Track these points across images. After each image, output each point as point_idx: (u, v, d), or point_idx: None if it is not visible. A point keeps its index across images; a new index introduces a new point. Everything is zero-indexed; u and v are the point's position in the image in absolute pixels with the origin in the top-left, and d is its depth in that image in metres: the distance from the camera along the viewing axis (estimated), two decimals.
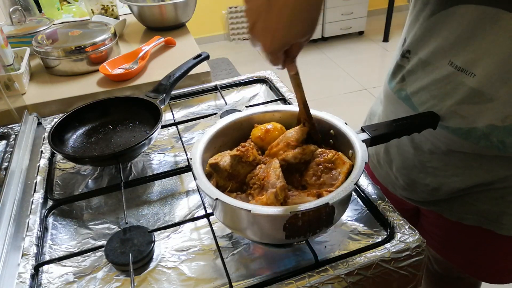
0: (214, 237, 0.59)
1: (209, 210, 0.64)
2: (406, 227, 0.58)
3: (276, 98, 0.94)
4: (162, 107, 0.80)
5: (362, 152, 0.55)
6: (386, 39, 3.73)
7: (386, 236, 0.59)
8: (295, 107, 0.64)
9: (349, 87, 3.05)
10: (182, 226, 0.64)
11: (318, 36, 3.64)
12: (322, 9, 0.45)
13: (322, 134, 0.63)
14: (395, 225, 0.59)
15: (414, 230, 0.58)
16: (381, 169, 0.85)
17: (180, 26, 1.41)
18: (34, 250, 0.59)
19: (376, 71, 3.30)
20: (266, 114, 0.65)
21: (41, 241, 0.62)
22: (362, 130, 0.61)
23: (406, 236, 0.57)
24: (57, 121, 0.77)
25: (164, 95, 0.83)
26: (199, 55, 0.96)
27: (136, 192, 0.72)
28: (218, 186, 0.55)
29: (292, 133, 0.59)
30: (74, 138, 0.80)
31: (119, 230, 0.61)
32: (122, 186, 0.69)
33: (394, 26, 3.72)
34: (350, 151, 0.57)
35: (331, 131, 0.62)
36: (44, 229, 0.64)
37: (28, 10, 1.48)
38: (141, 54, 1.12)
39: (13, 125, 0.89)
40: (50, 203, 0.69)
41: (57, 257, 0.59)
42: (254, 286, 0.53)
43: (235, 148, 0.58)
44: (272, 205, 0.50)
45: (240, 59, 3.42)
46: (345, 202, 0.56)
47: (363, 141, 0.57)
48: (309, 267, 0.54)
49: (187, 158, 0.76)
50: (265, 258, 0.58)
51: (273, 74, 1.03)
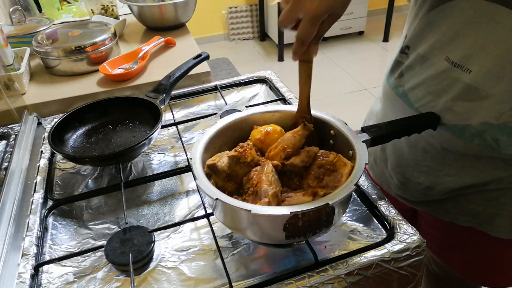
0: (214, 237, 0.59)
1: (209, 210, 0.64)
2: (406, 227, 0.58)
3: (276, 98, 0.94)
4: (162, 107, 0.80)
5: (362, 152, 0.55)
6: (386, 39, 3.74)
7: (386, 236, 0.59)
8: (295, 107, 0.63)
9: (349, 87, 3.05)
10: (182, 226, 0.64)
11: None
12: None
13: (322, 135, 0.63)
14: (395, 225, 0.59)
15: (414, 230, 0.58)
16: (376, 167, 0.85)
17: (180, 26, 1.41)
18: (34, 250, 0.59)
19: (376, 71, 3.30)
20: (266, 114, 0.65)
21: (41, 241, 0.62)
22: (362, 131, 0.61)
23: (406, 236, 0.57)
24: (57, 121, 0.77)
25: (164, 95, 0.83)
26: (199, 55, 0.95)
27: (136, 192, 0.72)
28: (217, 187, 0.55)
29: (289, 136, 0.58)
30: (74, 138, 0.80)
31: (119, 230, 0.61)
32: (122, 186, 0.69)
33: (394, 26, 3.72)
34: (350, 152, 0.57)
35: (331, 131, 0.62)
36: (44, 229, 0.64)
37: (28, 10, 1.48)
38: (141, 54, 1.12)
39: (13, 125, 0.89)
40: (50, 203, 0.69)
41: (57, 257, 0.59)
42: (254, 286, 0.53)
43: (234, 148, 0.58)
44: None
45: (240, 59, 3.42)
46: (345, 202, 0.56)
47: (363, 141, 0.57)
48: (309, 267, 0.54)
49: (187, 158, 0.76)
50: (265, 258, 0.58)
51: (273, 74, 1.03)
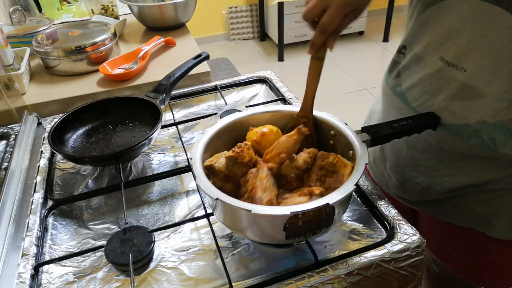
0: (214, 237, 0.59)
1: (209, 210, 0.64)
2: (406, 227, 0.58)
3: (276, 98, 0.94)
4: (162, 107, 0.80)
5: (362, 153, 0.55)
6: (386, 39, 3.73)
7: (386, 236, 0.59)
8: (295, 108, 0.63)
9: (349, 87, 3.05)
10: (182, 226, 0.64)
11: None
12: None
13: (322, 135, 0.63)
14: (395, 225, 0.59)
15: (414, 230, 0.58)
16: (376, 167, 0.85)
17: (180, 26, 1.41)
18: (34, 250, 0.59)
19: (376, 71, 3.30)
20: (266, 114, 0.65)
21: (41, 241, 0.62)
22: (362, 131, 0.61)
23: (406, 236, 0.57)
24: (57, 121, 0.77)
25: (164, 95, 0.83)
26: (199, 55, 0.95)
27: (136, 192, 0.72)
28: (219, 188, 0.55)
29: (284, 140, 0.57)
30: (74, 138, 0.80)
31: (119, 230, 0.61)
32: (122, 186, 0.69)
33: (394, 26, 3.72)
34: (350, 152, 0.57)
35: (331, 132, 0.62)
36: (44, 229, 0.64)
37: (28, 10, 1.48)
38: (141, 54, 1.12)
39: (13, 125, 0.89)
40: (50, 203, 0.69)
41: (57, 257, 0.59)
42: (254, 286, 0.53)
43: (232, 149, 0.58)
44: None
45: (240, 59, 3.42)
46: (345, 202, 0.56)
47: (364, 141, 0.57)
48: (309, 267, 0.54)
49: (187, 158, 0.76)
50: (265, 258, 0.58)
51: (273, 74, 1.03)
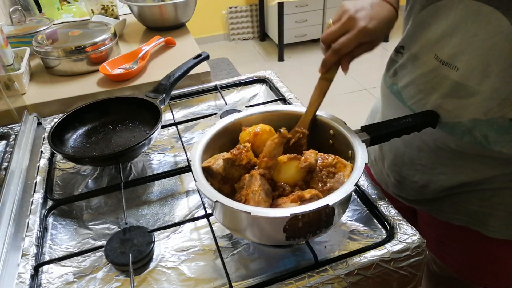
0: (214, 237, 0.59)
1: (209, 211, 0.64)
2: (406, 227, 0.58)
3: (276, 98, 0.94)
4: (162, 107, 0.80)
5: (362, 152, 0.55)
6: (386, 39, 3.73)
7: (386, 236, 0.59)
8: (295, 108, 0.64)
9: (349, 87, 3.04)
10: (182, 226, 0.64)
11: (318, 36, 3.63)
12: (388, 34, 0.65)
13: (321, 134, 0.63)
14: (395, 225, 0.59)
15: (414, 230, 0.58)
16: (376, 166, 0.86)
17: (180, 26, 1.41)
18: (34, 250, 0.59)
19: (376, 71, 3.29)
20: (266, 114, 0.65)
21: (41, 241, 0.62)
22: (362, 130, 0.61)
23: (406, 236, 0.57)
24: (57, 121, 0.77)
25: (164, 95, 0.83)
26: (199, 55, 0.95)
27: (136, 192, 0.72)
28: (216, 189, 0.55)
29: (268, 144, 0.56)
30: (74, 138, 0.80)
31: (119, 230, 0.61)
32: (122, 186, 0.69)
33: (394, 26, 3.71)
34: (350, 152, 0.57)
35: (331, 131, 0.62)
36: (44, 229, 0.64)
37: (28, 10, 1.48)
38: (141, 54, 1.12)
39: (13, 125, 0.89)
40: (50, 203, 0.69)
41: (57, 257, 0.59)
42: (254, 286, 0.53)
43: (230, 150, 0.58)
44: None
45: (240, 59, 3.42)
46: (345, 202, 0.56)
47: (363, 141, 0.57)
48: (309, 267, 0.54)
49: (187, 158, 0.76)
50: (265, 258, 0.58)
51: (273, 74, 1.03)
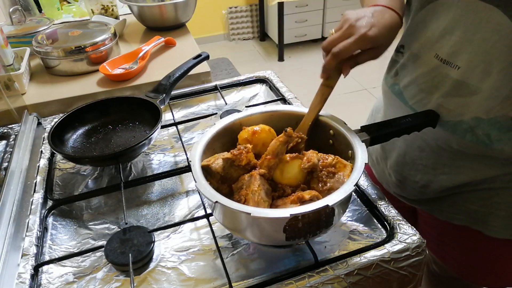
0: (214, 237, 0.59)
1: (209, 211, 0.64)
2: (406, 227, 0.58)
3: (276, 98, 0.94)
4: (162, 107, 0.80)
5: (361, 152, 0.55)
6: None
7: (386, 236, 0.59)
8: (295, 108, 0.63)
9: (349, 87, 3.04)
10: (182, 226, 0.64)
11: (318, 36, 3.63)
12: (390, 44, 0.63)
13: (321, 134, 0.63)
14: (395, 225, 0.59)
15: (414, 230, 0.58)
16: (377, 165, 0.86)
17: (180, 26, 1.41)
18: (34, 250, 0.59)
19: (376, 71, 3.28)
20: (266, 114, 0.65)
21: (41, 241, 0.62)
22: (362, 130, 0.61)
23: (406, 236, 0.57)
24: (57, 121, 0.77)
25: (164, 95, 0.83)
26: (199, 55, 0.95)
27: (136, 192, 0.72)
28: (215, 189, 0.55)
29: (272, 143, 0.56)
30: (74, 138, 0.80)
31: (119, 230, 0.61)
32: (122, 186, 0.69)
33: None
34: (350, 152, 0.57)
35: (331, 131, 0.62)
36: (44, 229, 0.64)
37: (28, 10, 1.48)
38: (141, 54, 1.12)
39: (13, 125, 0.89)
40: (50, 203, 0.69)
41: (57, 257, 0.59)
42: (254, 286, 0.53)
43: (231, 150, 0.58)
44: None
45: (240, 59, 3.42)
46: (345, 203, 0.56)
47: (363, 141, 0.57)
48: (309, 267, 0.54)
49: (187, 158, 0.76)
50: (265, 258, 0.58)
51: (273, 74, 1.03)
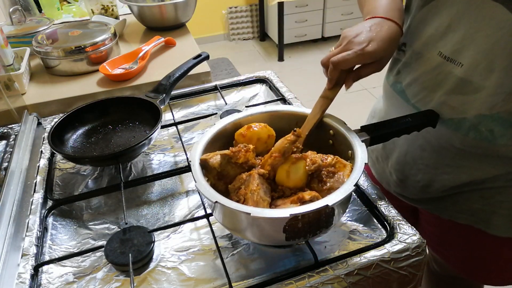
0: (214, 237, 0.59)
1: (209, 211, 0.64)
2: (406, 227, 0.58)
3: (276, 98, 0.94)
4: (162, 107, 0.80)
5: (361, 152, 0.55)
6: None
7: (386, 236, 0.59)
8: (295, 108, 0.64)
9: None
10: (182, 226, 0.64)
11: (318, 36, 3.63)
12: (392, 55, 0.64)
13: (321, 134, 0.63)
14: (395, 225, 0.59)
15: (414, 230, 0.58)
16: (378, 164, 0.86)
17: (180, 26, 1.41)
18: (34, 250, 0.59)
19: None
20: (266, 114, 0.65)
21: (41, 241, 0.62)
22: (362, 130, 0.61)
23: (406, 236, 0.57)
24: (57, 121, 0.77)
25: (164, 95, 0.83)
26: (199, 55, 0.95)
27: (136, 192, 0.72)
28: (210, 185, 0.54)
29: (279, 142, 0.57)
30: (74, 138, 0.80)
31: (119, 230, 0.61)
32: (122, 186, 0.69)
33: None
34: (350, 151, 0.57)
35: (331, 131, 0.62)
36: (44, 229, 0.64)
37: (28, 10, 1.48)
38: (141, 54, 1.12)
39: (13, 125, 0.89)
40: (50, 203, 0.69)
41: (57, 257, 0.59)
42: (254, 286, 0.53)
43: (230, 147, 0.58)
44: None
45: (240, 59, 3.42)
46: (345, 203, 0.56)
47: (363, 141, 0.57)
48: (309, 267, 0.54)
49: (187, 158, 0.76)
50: (265, 258, 0.58)
51: (273, 74, 1.03)
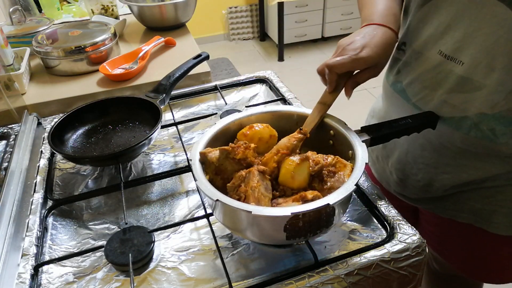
0: (214, 237, 0.59)
1: (209, 210, 0.64)
2: (406, 227, 0.58)
3: (276, 98, 0.94)
4: (162, 107, 0.80)
5: (362, 152, 0.55)
6: None
7: (386, 236, 0.59)
8: (295, 108, 0.64)
9: None
10: (182, 226, 0.64)
11: (318, 36, 3.63)
12: (388, 60, 0.65)
13: (321, 135, 0.63)
14: (395, 225, 0.59)
15: (414, 230, 0.58)
16: (378, 164, 0.86)
17: (180, 26, 1.41)
18: (34, 250, 0.59)
19: None
20: (266, 114, 0.65)
21: (41, 241, 0.62)
22: (362, 131, 0.61)
23: (406, 236, 0.57)
24: (57, 121, 0.77)
25: (164, 95, 0.83)
26: (199, 55, 0.95)
27: (136, 192, 0.72)
28: (209, 180, 0.54)
29: (284, 141, 0.58)
30: (74, 138, 0.80)
31: (119, 230, 0.61)
32: (122, 186, 0.69)
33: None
34: (350, 152, 0.57)
35: (331, 132, 0.62)
36: (44, 229, 0.64)
37: (28, 10, 1.48)
38: (141, 54, 1.12)
39: (13, 125, 0.89)
40: (50, 203, 0.69)
41: (57, 257, 0.59)
42: (254, 286, 0.53)
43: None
44: None
45: (240, 59, 3.42)
46: (345, 202, 0.56)
47: (363, 141, 0.57)
48: (309, 267, 0.54)
49: (187, 158, 0.76)
50: (265, 258, 0.58)
51: (273, 74, 1.03)
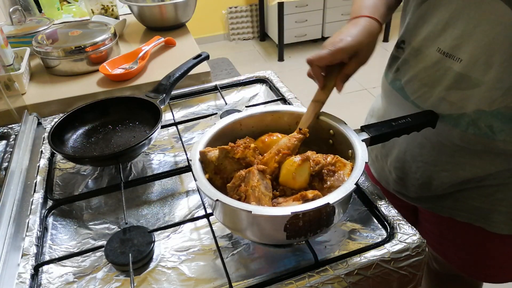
0: (214, 237, 0.59)
1: (209, 210, 0.64)
2: (406, 227, 0.58)
3: (276, 98, 0.94)
4: (162, 107, 0.80)
5: (362, 152, 0.55)
6: (386, 39, 3.73)
7: (386, 236, 0.59)
8: (295, 108, 0.64)
9: (349, 87, 3.02)
10: (182, 226, 0.64)
11: (318, 36, 3.63)
12: (372, 47, 0.66)
13: (321, 134, 0.63)
14: (395, 225, 0.59)
15: (414, 230, 0.58)
16: (377, 163, 0.86)
17: (180, 26, 1.41)
18: (34, 250, 0.59)
19: (376, 71, 3.27)
20: (266, 114, 0.65)
21: (41, 241, 0.62)
22: (362, 130, 0.61)
23: (406, 236, 0.57)
24: (57, 121, 0.77)
25: (164, 95, 0.83)
26: (199, 55, 0.95)
27: (136, 192, 0.72)
28: (208, 179, 0.54)
29: (285, 141, 0.58)
30: (74, 138, 0.80)
31: (119, 230, 0.61)
32: (122, 186, 0.69)
33: (394, 26, 3.71)
34: (350, 151, 0.57)
35: (331, 131, 0.62)
36: (44, 229, 0.64)
37: (28, 10, 1.48)
38: (141, 54, 1.12)
39: (13, 125, 0.89)
40: (50, 203, 0.69)
41: (57, 257, 0.59)
42: (254, 286, 0.53)
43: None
44: None
45: (240, 59, 3.42)
46: (345, 202, 0.56)
47: (363, 140, 0.57)
48: (309, 267, 0.54)
49: (187, 158, 0.76)
50: (265, 258, 0.58)
51: (273, 74, 1.03)
